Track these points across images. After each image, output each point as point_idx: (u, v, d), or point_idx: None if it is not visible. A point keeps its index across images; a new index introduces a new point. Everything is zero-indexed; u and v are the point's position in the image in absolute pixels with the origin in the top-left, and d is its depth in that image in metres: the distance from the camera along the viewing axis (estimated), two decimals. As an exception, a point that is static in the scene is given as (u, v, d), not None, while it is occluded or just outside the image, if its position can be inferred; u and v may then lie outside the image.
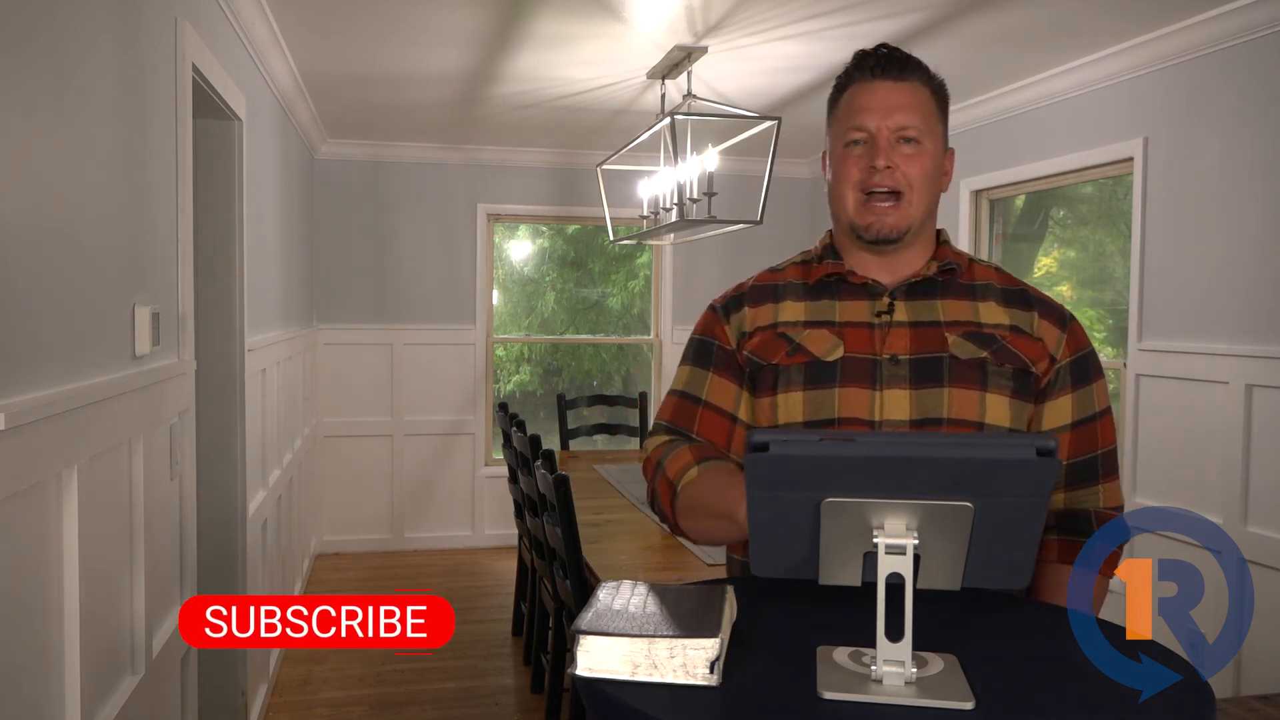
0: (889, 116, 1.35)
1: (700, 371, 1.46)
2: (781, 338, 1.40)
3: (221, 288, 2.87)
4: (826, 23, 3.22)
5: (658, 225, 4.16)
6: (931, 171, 1.38)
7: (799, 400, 1.36)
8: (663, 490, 1.40)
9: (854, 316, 1.39)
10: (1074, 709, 0.92)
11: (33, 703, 1.42)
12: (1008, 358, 1.35)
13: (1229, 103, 3.13)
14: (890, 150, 1.35)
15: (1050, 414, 1.38)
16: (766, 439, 0.92)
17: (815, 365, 1.36)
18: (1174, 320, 3.34)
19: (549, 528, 2.95)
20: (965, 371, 1.33)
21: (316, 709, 3.56)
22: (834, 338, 1.37)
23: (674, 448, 1.41)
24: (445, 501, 5.79)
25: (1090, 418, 1.39)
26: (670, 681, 0.93)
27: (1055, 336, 1.38)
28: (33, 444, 1.36)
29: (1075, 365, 1.38)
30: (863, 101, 1.37)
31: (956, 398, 1.32)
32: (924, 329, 1.36)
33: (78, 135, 1.62)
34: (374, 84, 4.13)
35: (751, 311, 1.44)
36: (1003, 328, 1.37)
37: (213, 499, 2.83)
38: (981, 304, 1.39)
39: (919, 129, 1.36)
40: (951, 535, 0.92)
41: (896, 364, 1.34)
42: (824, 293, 1.42)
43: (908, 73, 1.37)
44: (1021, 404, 1.35)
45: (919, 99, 1.37)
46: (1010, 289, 1.42)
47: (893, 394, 1.33)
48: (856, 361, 1.35)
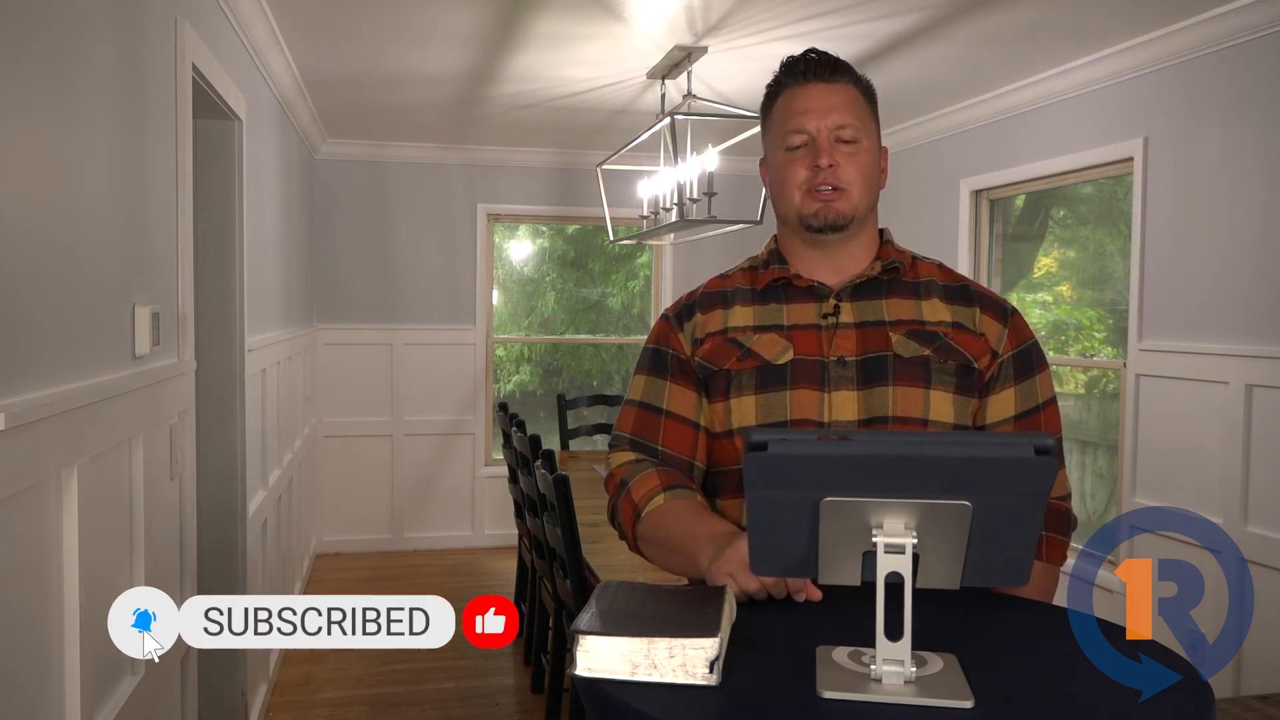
0: (826, 117, 1.37)
1: (658, 381, 1.47)
2: (732, 343, 1.41)
3: (221, 288, 2.87)
4: (826, 23, 3.22)
5: (658, 225, 4.16)
6: (870, 169, 1.40)
7: (751, 404, 1.37)
8: (625, 510, 1.41)
9: (802, 319, 1.41)
10: (1074, 709, 0.91)
11: (33, 703, 1.42)
12: (950, 354, 1.37)
13: (1229, 102, 3.13)
14: (831, 149, 1.37)
15: (994, 407, 1.39)
16: (765, 438, 0.92)
17: (766, 369, 1.38)
18: (1174, 320, 3.34)
19: (549, 528, 2.95)
20: (909, 369, 1.35)
21: (316, 709, 3.56)
22: (783, 341, 1.39)
23: (641, 469, 1.42)
24: (445, 501, 5.79)
25: (1033, 409, 1.40)
26: (670, 681, 0.92)
27: (997, 331, 1.40)
28: (33, 444, 1.37)
29: (1018, 358, 1.40)
30: (799, 105, 1.40)
31: (901, 396, 1.34)
32: (869, 329, 1.38)
33: (77, 135, 1.62)
34: (374, 84, 4.13)
35: (703, 318, 1.46)
36: (945, 324, 1.39)
37: (213, 499, 2.83)
38: (925, 301, 1.41)
39: (855, 128, 1.38)
40: (950, 534, 0.92)
41: (844, 365, 1.36)
42: (772, 297, 1.44)
43: (838, 75, 1.40)
44: (965, 399, 1.37)
45: (852, 99, 1.40)
46: (952, 285, 1.44)
47: (840, 395, 1.35)
48: (806, 364, 1.37)
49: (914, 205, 4.84)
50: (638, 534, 1.40)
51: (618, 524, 1.45)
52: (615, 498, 1.44)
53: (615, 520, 1.45)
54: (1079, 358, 4.13)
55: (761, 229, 4.22)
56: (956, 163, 4.59)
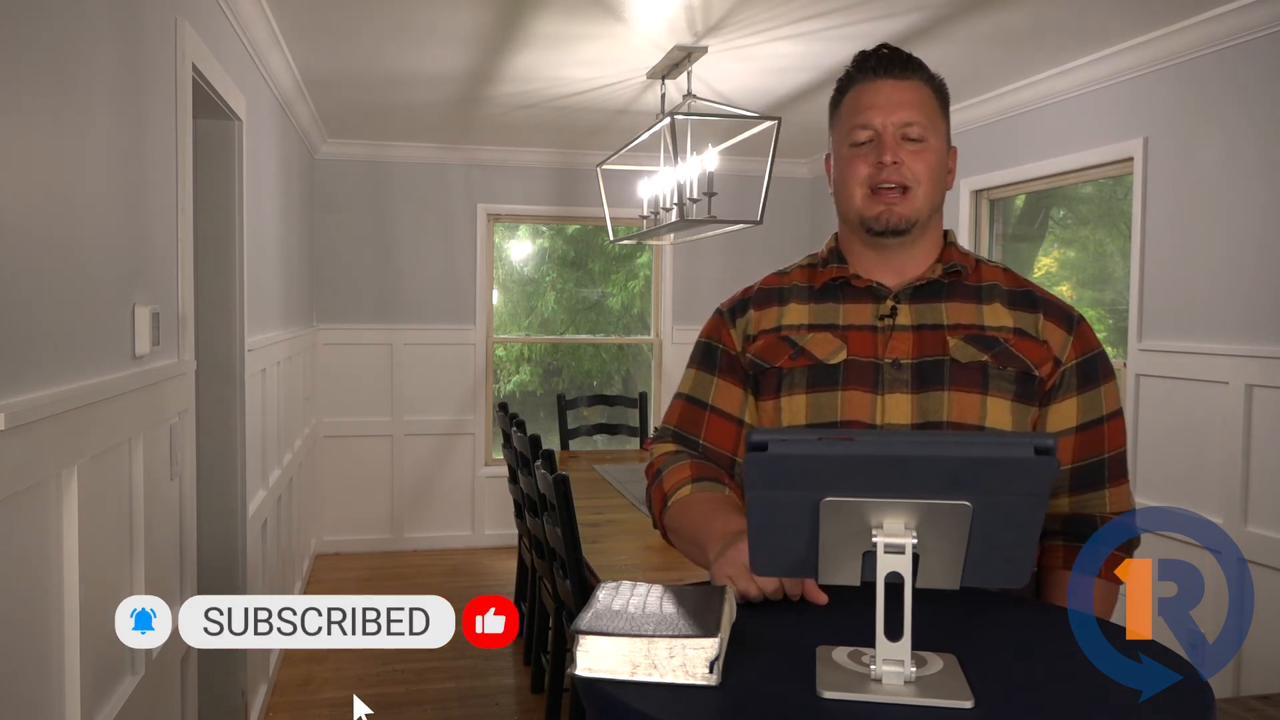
0: (893, 114, 1.35)
1: (706, 376, 1.46)
2: (785, 341, 1.40)
3: (221, 288, 2.87)
4: (826, 23, 3.22)
5: (658, 225, 4.16)
6: (937, 169, 1.38)
7: (802, 403, 1.36)
8: (655, 499, 1.43)
9: (857, 320, 1.38)
10: (1074, 709, 0.91)
11: (33, 703, 1.42)
12: (1010, 361, 1.34)
13: (1229, 102, 3.13)
14: (896, 147, 1.34)
15: (1055, 417, 1.37)
16: (765, 439, 0.92)
17: (818, 368, 1.36)
18: (1174, 320, 3.34)
19: (549, 528, 2.95)
20: (966, 375, 1.33)
21: (316, 709, 3.56)
22: (837, 341, 1.37)
23: (677, 460, 1.42)
24: (445, 501, 5.79)
25: (1097, 421, 1.38)
26: (670, 681, 0.92)
27: (1061, 339, 1.37)
28: (33, 444, 1.36)
29: (1082, 368, 1.37)
30: (867, 100, 1.37)
31: (957, 401, 1.32)
32: (926, 332, 1.36)
33: (78, 135, 1.62)
34: (374, 84, 4.13)
35: (756, 315, 1.44)
36: (1006, 330, 1.36)
37: (213, 499, 2.83)
38: (986, 306, 1.38)
39: (923, 126, 1.35)
40: (950, 534, 0.92)
41: (898, 368, 1.34)
42: (829, 296, 1.42)
43: (909, 71, 1.37)
44: (1024, 407, 1.34)
45: (922, 97, 1.37)
46: (1016, 290, 1.41)
47: (894, 398, 1.33)
48: (859, 365, 1.35)
49: (914, 205, 4.82)
50: (664, 523, 1.42)
51: (651, 512, 1.46)
52: (650, 485, 1.45)
53: (650, 508, 1.47)
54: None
55: (761, 229, 4.22)
56: (957, 162, 4.58)
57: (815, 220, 6.08)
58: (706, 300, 5.99)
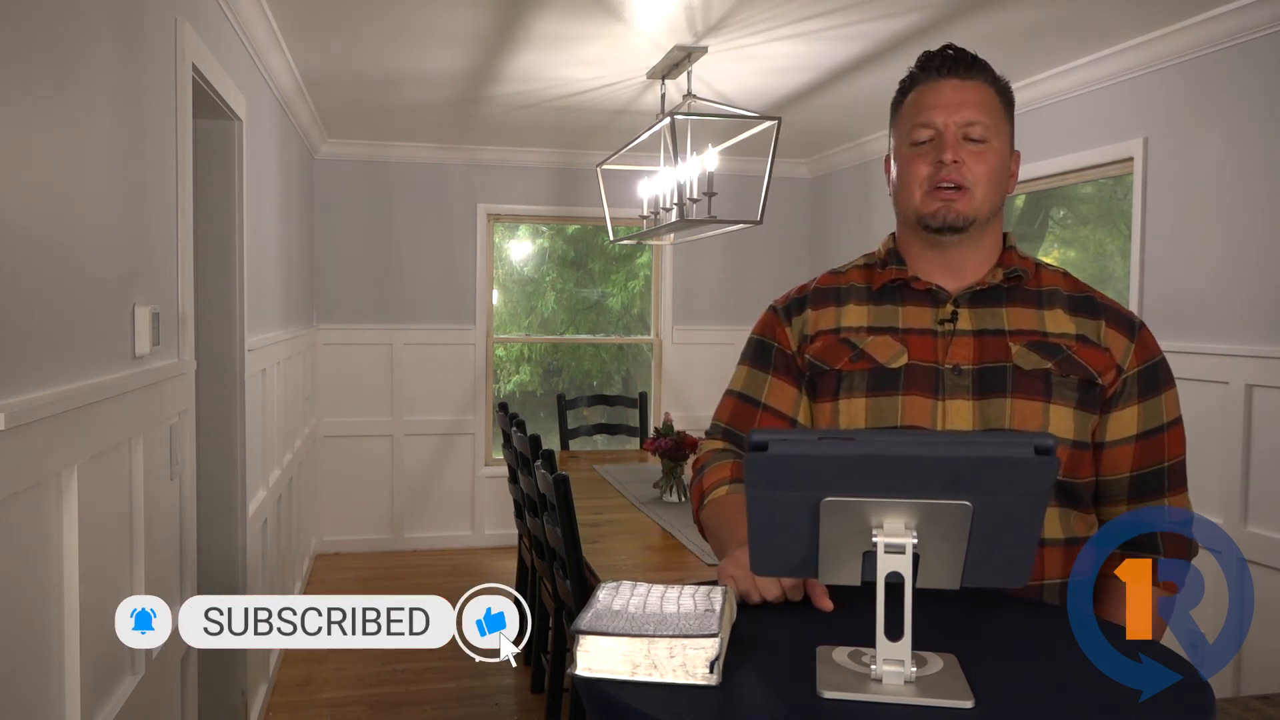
0: (955, 113, 1.33)
1: (759, 374, 1.45)
2: (844, 343, 1.38)
3: (221, 288, 2.87)
4: (826, 23, 3.22)
5: (658, 225, 4.16)
6: (998, 170, 1.36)
7: (862, 407, 1.34)
8: (694, 495, 1.45)
9: (917, 323, 1.37)
10: (1074, 709, 0.92)
11: (33, 703, 1.42)
12: (1073, 368, 1.32)
13: (1229, 102, 3.13)
14: (957, 146, 1.33)
15: (1115, 425, 1.35)
16: (765, 438, 0.92)
17: (879, 372, 1.34)
18: (1173, 320, 3.34)
19: (549, 528, 2.95)
20: (1029, 383, 1.31)
21: (316, 709, 3.56)
22: (898, 345, 1.35)
23: (720, 458, 1.43)
24: (445, 501, 5.79)
25: (1157, 429, 1.36)
26: (670, 681, 0.92)
27: (1123, 346, 1.35)
28: (33, 444, 1.36)
29: (1144, 375, 1.36)
30: (929, 100, 1.35)
31: (1019, 409, 1.30)
32: (988, 338, 1.34)
33: (77, 135, 1.62)
34: (374, 84, 4.13)
35: (814, 314, 1.42)
36: (1069, 337, 1.34)
37: (213, 499, 2.83)
38: (1048, 312, 1.36)
39: (986, 126, 1.33)
40: (950, 534, 0.92)
41: (959, 374, 1.32)
42: (887, 298, 1.40)
43: (974, 72, 1.36)
44: (1086, 415, 1.32)
45: (985, 98, 1.35)
46: (1077, 296, 1.39)
47: (955, 404, 1.31)
48: (920, 370, 1.33)
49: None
50: (700, 519, 1.43)
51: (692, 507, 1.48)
52: (693, 481, 1.47)
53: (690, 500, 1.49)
54: (1079, 358, 4.12)
55: (761, 229, 4.22)
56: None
57: (815, 220, 6.07)
58: (706, 300, 6.04)
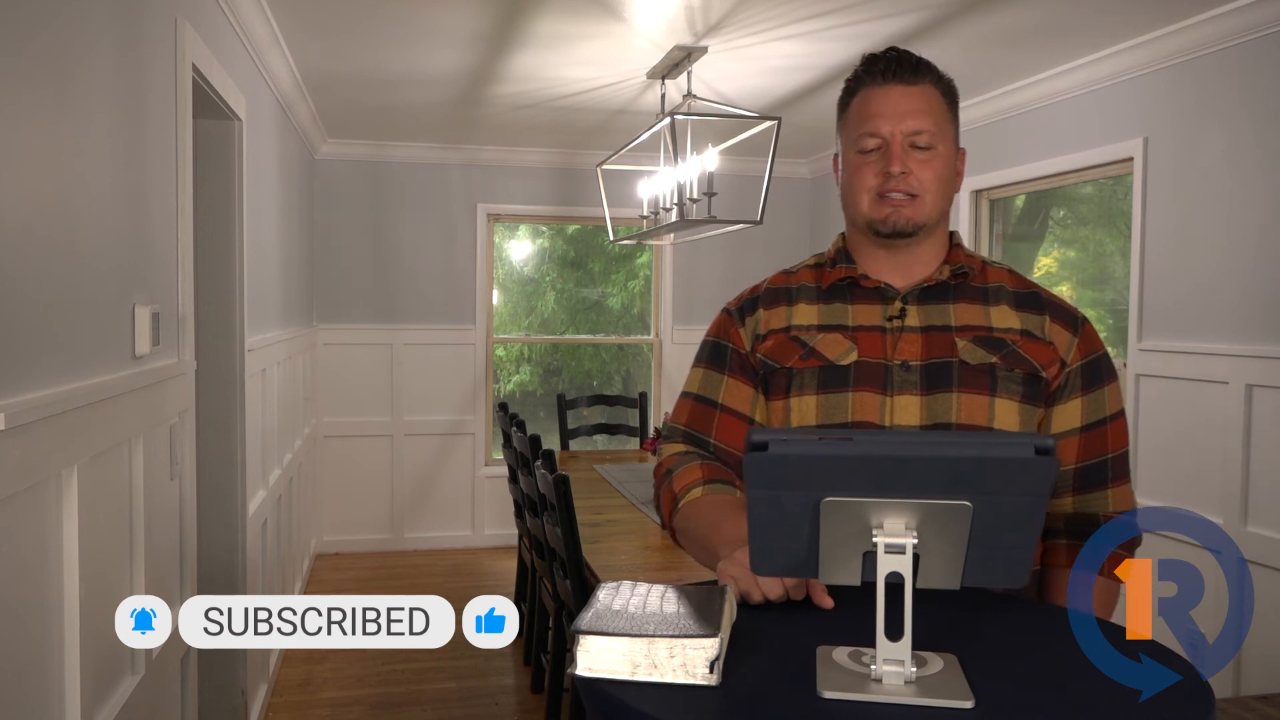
0: (902, 122, 1.34)
1: (715, 375, 1.46)
2: (795, 341, 1.40)
3: (221, 288, 2.87)
4: (827, 22, 3.22)
5: (658, 225, 4.16)
6: (945, 174, 1.37)
7: (812, 404, 1.36)
8: (665, 500, 1.43)
9: (866, 320, 1.39)
10: (1074, 709, 0.91)
11: (33, 703, 1.42)
12: (1018, 362, 1.34)
13: (1229, 102, 3.13)
14: (904, 156, 1.34)
15: (1059, 418, 1.37)
16: (765, 438, 0.92)
17: (829, 369, 1.36)
18: (1174, 320, 3.34)
19: (549, 528, 2.95)
20: (974, 377, 1.33)
21: (316, 709, 3.56)
22: (847, 342, 1.37)
23: (687, 460, 1.42)
24: (445, 501, 5.79)
25: (1100, 421, 1.38)
26: (670, 681, 0.92)
27: (1067, 340, 1.38)
28: (33, 444, 1.36)
29: (1086, 369, 1.38)
30: (875, 107, 1.36)
31: (965, 403, 1.32)
32: (935, 334, 1.36)
33: (77, 135, 1.62)
34: (374, 84, 4.13)
35: (766, 314, 1.44)
36: (1014, 332, 1.37)
37: (213, 499, 2.83)
38: (993, 308, 1.39)
39: (932, 134, 1.35)
40: (950, 534, 0.92)
41: (907, 370, 1.34)
42: (837, 296, 1.42)
43: (919, 75, 1.36)
44: (1031, 409, 1.34)
45: (931, 102, 1.36)
46: (1022, 291, 1.41)
47: (904, 400, 1.33)
48: (869, 366, 1.35)
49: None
50: (674, 525, 1.41)
51: (658, 510, 1.46)
52: (659, 487, 1.45)
53: (658, 507, 1.47)
54: (1079, 358, 4.12)
55: (761, 229, 4.22)
56: (965, 164, 4.58)
57: (815, 220, 6.07)
58: (706, 300, 6.03)
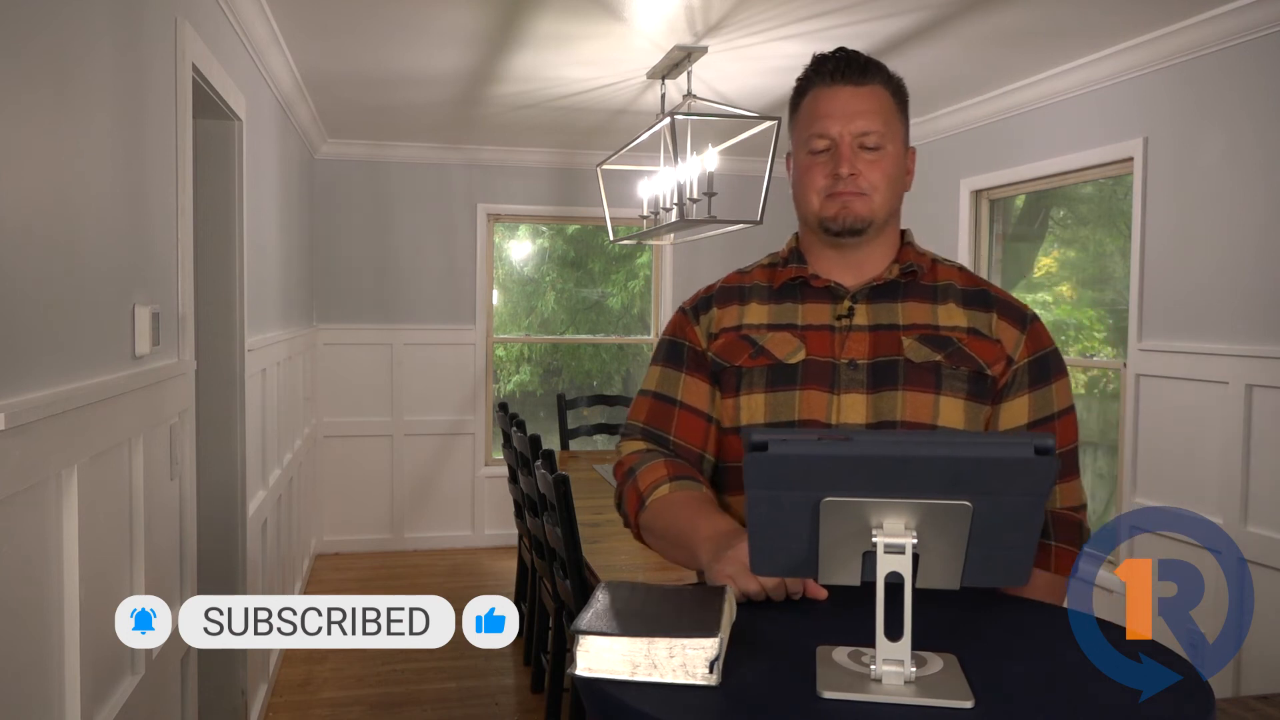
0: (851, 123, 1.36)
1: (673, 372, 1.47)
2: (745, 340, 1.41)
3: (221, 288, 2.87)
4: (827, 22, 3.22)
5: (658, 225, 4.16)
6: (894, 174, 1.39)
7: (761, 402, 1.37)
8: (630, 498, 1.41)
9: (816, 320, 1.40)
10: (1074, 709, 0.91)
11: (33, 703, 1.42)
12: (962, 360, 1.36)
13: (1229, 102, 3.13)
14: (853, 157, 1.36)
15: (1007, 414, 1.38)
16: (765, 439, 0.92)
17: (777, 368, 1.38)
18: (1174, 320, 3.34)
19: (549, 528, 2.95)
20: (919, 374, 1.34)
21: (316, 709, 3.56)
22: (796, 340, 1.39)
23: (650, 458, 1.42)
24: (445, 501, 5.79)
25: (1048, 418, 1.39)
26: (670, 681, 0.92)
27: (1014, 337, 1.39)
28: (33, 444, 1.36)
29: (1034, 366, 1.39)
30: (824, 108, 1.38)
31: (910, 400, 1.33)
32: (882, 332, 1.38)
33: (78, 135, 1.62)
34: (374, 84, 4.13)
35: (719, 313, 1.46)
36: (960, 330, 1.38)
37: (213, 499, 2.83)
38: (941, 306, 1.40)
39: (880, 134, 1.36)
40: (950, 534, 0.92)
41: (854, 368, 1.36)
42: (788, 296, 1.44)
43: (867, 76, 1.38)
44: (977, 406, 1.35)
45: (880, 103, 1.38)
46: (971, 290, 1.42)
47: (850, 398, 1.35)
48: (817, 365, 1.37)
49: (914, 205, 4.80)
50: (641, 522, 1.40)
51: (623, 511, 1.45)
52: (622, 485, 1.44)
53: (621, 507, 1.46)
54: (1079, 358, 4.13)
55: (761, 229, 4.21)
56: (956, 163, 4.59)
57: (815, 220, 6.07)
58: (706, 300, 6.02)
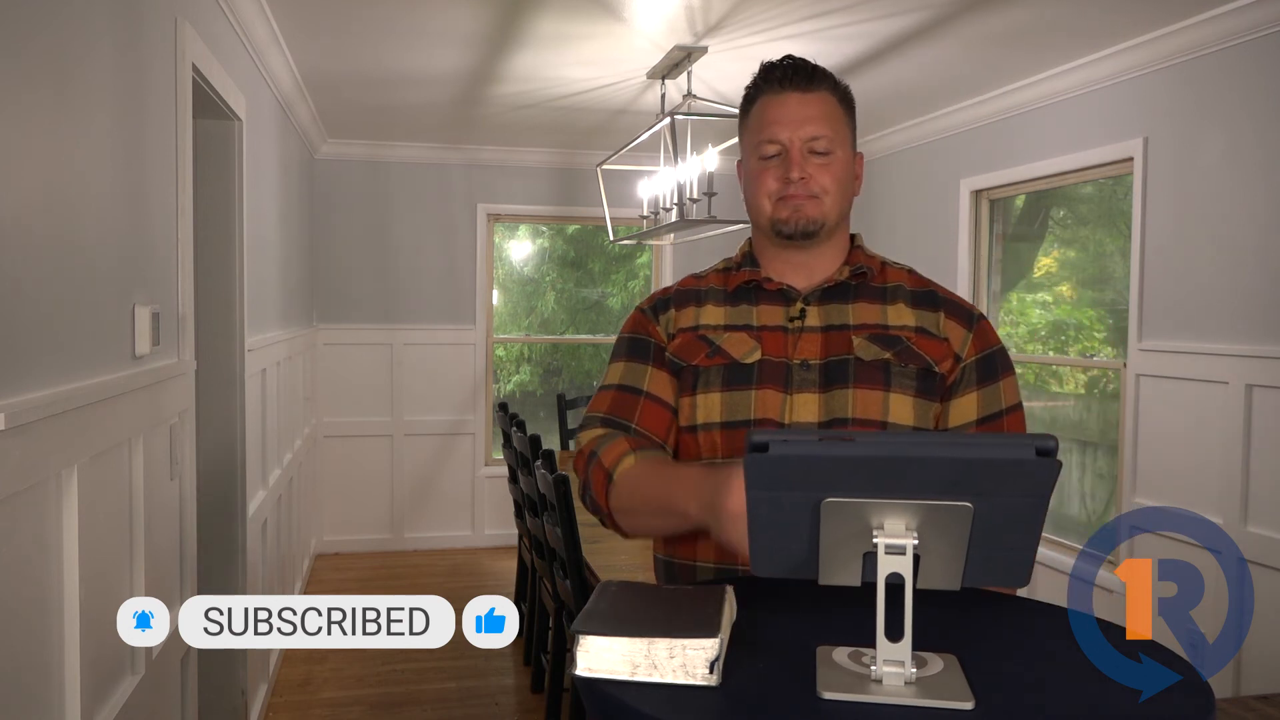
0: (800, 128, 1.38)
1: (638, 365, 1.46)
2: (702, 340, 1.43)
3: (221, 288, 2.87)
4: (827, 22, 3.22)
5: (658, 225, 4.16)
6: (843, 178, 1.41)
7: (717, 401, 1.39)
8: (596, 479, 1.37)
9: (770, 321, 1.42)
10: (1074, 709, 0.91)
11: (33, 703, 1.42)
12: (911, 358, 1.38)
13: (1229, 102, 3.13)
14: (803, 162, 1.38)
15: (956, 411, 1.40)
16: (766, 439, 0.92)
17: (733, 367, 1.39)
18: (1174, 320, 3.34)
19: (549, 528, 2.95)
20: (869, 373, 1.37)
21: (316, 709, 3.56)
22: (752, 341, 1.41)
23: (611, 438, 1.39)
24: (445, 501, 5.79)
25: (996, 414, 1.41)
26: (670, 681, 0.92)
27: (961, 336, 1.41)
28: (33, 444, 1.36)
29: (981, 363, 1.41)
30: (774, 114, 1.40)
31: (860, 398, 1.36)
32: (833, 333, 1.40)
33: (78, 135, 1.62)
34: (374, 84, 4.13)
35: (676, 313, 1.48)
36: (908, 329, 1.40)
37: (213, 499, 2.83)
38: (890, 306, 1.43)
39: (829, 139, 1.39)
40: (951, 535, 0.92)
41: (807, 369, 1.38)
42: (742, 298, 1.46)
43: (815, 83, 1.40)
44: (926, 403, 1.38)
45: (827, 109, 1.40)
46: (919, 290, 1.45)
47: (802, 398, 1.37)
48: (772, 365, 1.39)
49: (914, 205, 4.83)
50: (610, 500, 1.36)
51: (589, 498, 1.40)
52: (585, 472, 1.39)
53: (587, 495, 1.40)
54: (1079, 358, 4.13)
55: (761, 229, 4.22)
56: (956, 163, 4.59)
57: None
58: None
